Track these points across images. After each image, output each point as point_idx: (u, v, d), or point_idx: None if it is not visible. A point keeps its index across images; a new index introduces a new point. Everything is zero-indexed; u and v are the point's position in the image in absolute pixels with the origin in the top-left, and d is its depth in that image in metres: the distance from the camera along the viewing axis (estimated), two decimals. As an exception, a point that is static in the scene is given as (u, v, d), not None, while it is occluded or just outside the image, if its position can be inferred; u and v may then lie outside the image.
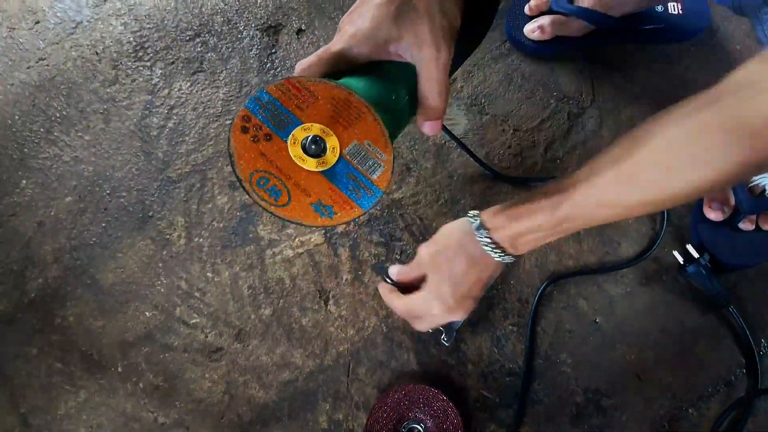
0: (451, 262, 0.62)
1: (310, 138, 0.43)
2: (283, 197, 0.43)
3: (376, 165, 0.44)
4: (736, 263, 0.84)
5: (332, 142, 0.43)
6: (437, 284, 0.63)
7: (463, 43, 0.58)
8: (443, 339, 0.80)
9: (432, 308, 0.64)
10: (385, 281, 0.72)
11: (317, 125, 0.44)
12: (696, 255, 0.83)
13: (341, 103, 0.44)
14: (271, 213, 0.43)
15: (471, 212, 0.62)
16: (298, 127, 0.44)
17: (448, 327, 0.76)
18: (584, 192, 0.50)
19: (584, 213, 0.51)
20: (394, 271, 0.71)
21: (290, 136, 0.43)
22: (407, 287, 0.69)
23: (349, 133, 0.44)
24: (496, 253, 0.59)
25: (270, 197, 0.43)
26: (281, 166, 0.43)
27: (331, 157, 0.43)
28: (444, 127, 0.83)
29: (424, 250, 0.66)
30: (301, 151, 0.43)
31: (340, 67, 0.48)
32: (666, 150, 0.43)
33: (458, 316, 0.65)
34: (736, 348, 0.84)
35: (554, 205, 0.52)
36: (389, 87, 0.49)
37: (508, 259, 0.61)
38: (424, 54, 0.48)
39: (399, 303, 0.68)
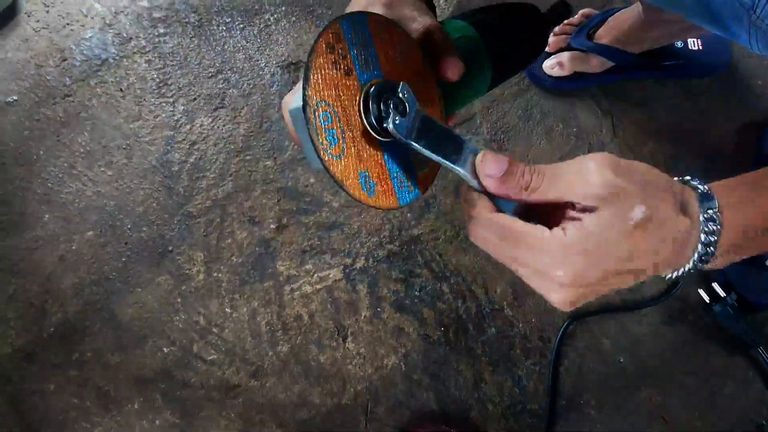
0: (651, 227, 0.34)
1: (404, 95, 0.36)
2: (337, 148, 0.35)
3: (422, 161, 0.39)
4: (765, 303, 0.82)
5: None
6: (609, 239, 0.34)
7: (514, 63, 0.56)
8: None
9: (555, 268, 0.34)
10: (469, 180, 0.37)
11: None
12: (722, 294, 0.81)
13: (421, 79, 0.40)
14: (320, 159, 0.34)
15: (690, 177, 0.38)
16: (377, 79, 0.37)
17: None
18: None
19: None
20: (495, 167, 0.36)
21: (368, 85, 0.37)
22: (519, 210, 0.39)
23: None
24: (703, 251, 0.36)
25: (326, 141, 0.34)
26: (348, 112, 0.36)
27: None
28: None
29: (609, 177, 0.34)
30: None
31: None
32: None
33: (562, 302, 0.36)
34: (767, 390, 0.81)
35: None
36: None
37: (698, 267, 0.37)
38: (423, 20, 0.45)
39: (496, 229, 0.36)
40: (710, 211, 0.36)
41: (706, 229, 0.36)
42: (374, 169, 0.37)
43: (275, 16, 0.99)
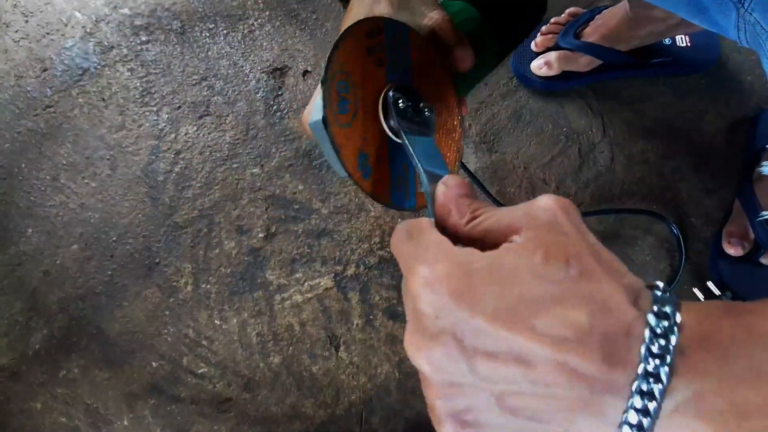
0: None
1: (423, 105, 0.37)
2: (346, 118, 0.35)
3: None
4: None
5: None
6: (499, 254, 0.26)
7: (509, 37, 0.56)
8: None
9: (420, 262, 0.26)
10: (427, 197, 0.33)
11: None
12: (717, 293, 0.80)
13: (446, 109, 0.41)
14: (326, 120, 0.34)
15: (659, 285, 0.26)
16: (406, 84, 0.38)
17: None
18: None
19: None
20: (458, 182, 0.31)
21: (395, 84, 0.38)
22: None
23: (436, 137, 0.39)
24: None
25: (337, 105, 0.35)
26: (367, 97, 0.36)
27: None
28: (462, 164, 0.82)
29: (552, 206, 0.27)
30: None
31: None
32: None
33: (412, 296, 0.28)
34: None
35: None
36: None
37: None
38: (432, 15, 0.45)
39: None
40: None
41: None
42: (375, 156, 0.37)
43: (259, 21, 0.98)
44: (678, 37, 0.92)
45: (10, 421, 0.79)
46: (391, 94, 0.37)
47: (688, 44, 0.93)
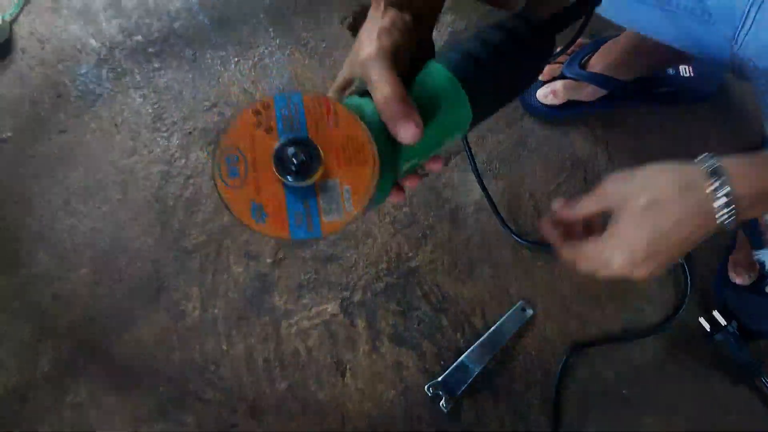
0: (660, 208, 0.47)
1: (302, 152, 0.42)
2: (237, 181, 0.42)
3: (335, 210, 0.43)
4: (766, 330, 0.81)
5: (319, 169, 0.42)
6: (631, 230, 0.48)
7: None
8: (441, 405, 0.77)
9: (612, 260, 0.49)
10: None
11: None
12: (723, 322, 0.81)
13: (354, 144, 0.43)
14: (215, 185, 0.41)
15: (703, 156, 0.49)
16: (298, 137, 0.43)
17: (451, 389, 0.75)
18: None
19: None
20: (560, 203, 0.54)
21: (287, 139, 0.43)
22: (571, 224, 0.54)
23: (338, 169, 0.43)
24: (727, 213, 0.46)
25: (227, 175, 0.41)
26: (258, 158, 0.42)
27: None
28: (483, 187, 0.87)
29: (618, 185, 0.51)
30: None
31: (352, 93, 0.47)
32: None
33: (638, 275, 0.50)
34: (771, 419, 0.80)
35: None
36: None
37: (730, 225, 0.47)
38: (379, 91, 0.44)
39: (568, 251, 0.53)
40: (717, 182, 0.46)
41: (717, 197, 0.45)
42: (271, 203, 0.42)
43: (269, 49, 1.00)
44: (681, 67, 0.94)
45: (17, 445, 0.79)
46: (274, 150, 0.42)
47: (691, 74, 0.94)
